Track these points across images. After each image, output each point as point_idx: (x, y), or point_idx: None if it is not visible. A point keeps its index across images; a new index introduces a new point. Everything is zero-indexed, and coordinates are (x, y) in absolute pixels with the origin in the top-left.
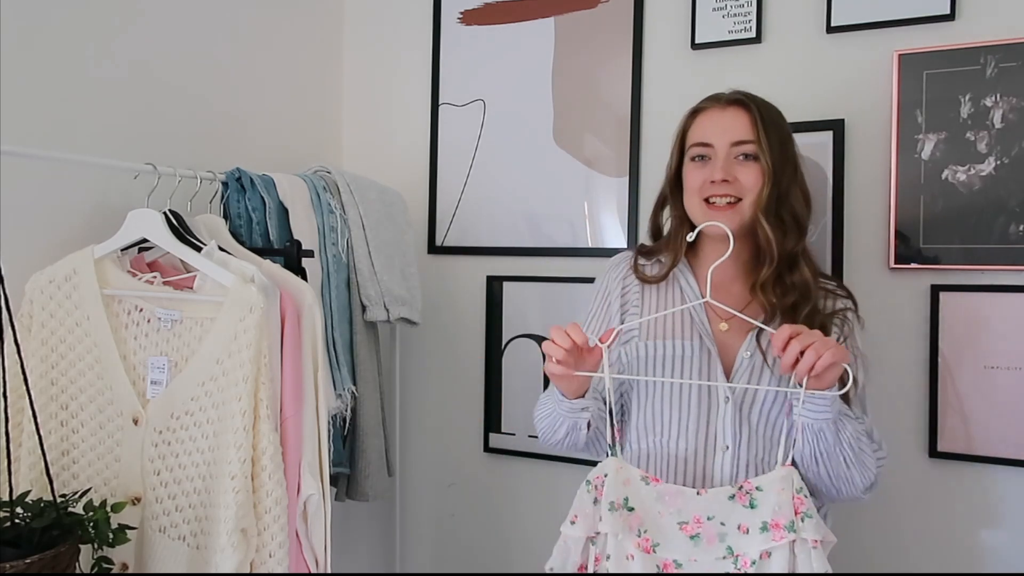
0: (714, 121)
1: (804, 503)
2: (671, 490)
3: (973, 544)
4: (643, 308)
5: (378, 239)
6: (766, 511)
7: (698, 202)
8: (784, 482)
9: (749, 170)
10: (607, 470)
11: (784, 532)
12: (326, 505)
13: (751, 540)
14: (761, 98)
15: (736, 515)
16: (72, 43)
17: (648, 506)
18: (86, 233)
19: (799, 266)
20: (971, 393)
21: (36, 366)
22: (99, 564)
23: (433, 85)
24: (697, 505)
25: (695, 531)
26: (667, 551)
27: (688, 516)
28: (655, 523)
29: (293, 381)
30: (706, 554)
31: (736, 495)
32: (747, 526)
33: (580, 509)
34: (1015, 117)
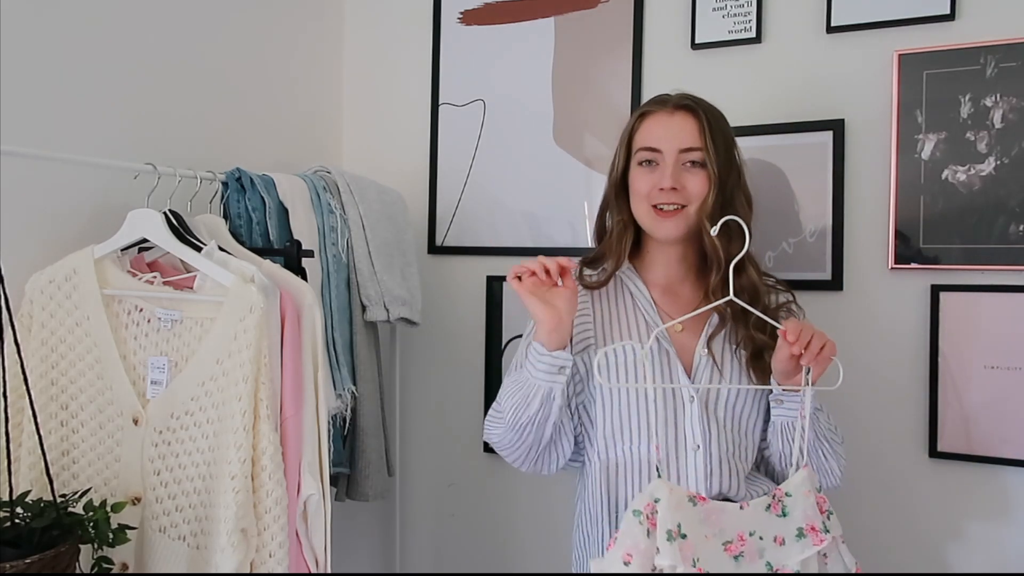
0: (662, 126)
1: (825, 501)
2: (715, 508)
3: (973, 544)
4: (594, 315)
5: (378, 239)
6: (798, 516)
7: (646, 208)
8: (807, 484)
9: (696, 177)
10: (659, 495)
11: (822, 534)
12: (326, 505)
13: (788, 551)
14: (707, 102)
15: (772, 526)
16: (72, 43)
17: (696, 530)
18: (86, 233)
19: (746, 268)
20: (971, 393)
21: (36, 366)
22: (99, 564)
23: (433, 85)
24: (740, 521)
25: (739, 550)
26: None
27: (732, 535)
28: (704, 549)
29: (293, 381)
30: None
31: (771, 505)
32: (782, 536)
33: (633, 546)
34: (1015, 117)
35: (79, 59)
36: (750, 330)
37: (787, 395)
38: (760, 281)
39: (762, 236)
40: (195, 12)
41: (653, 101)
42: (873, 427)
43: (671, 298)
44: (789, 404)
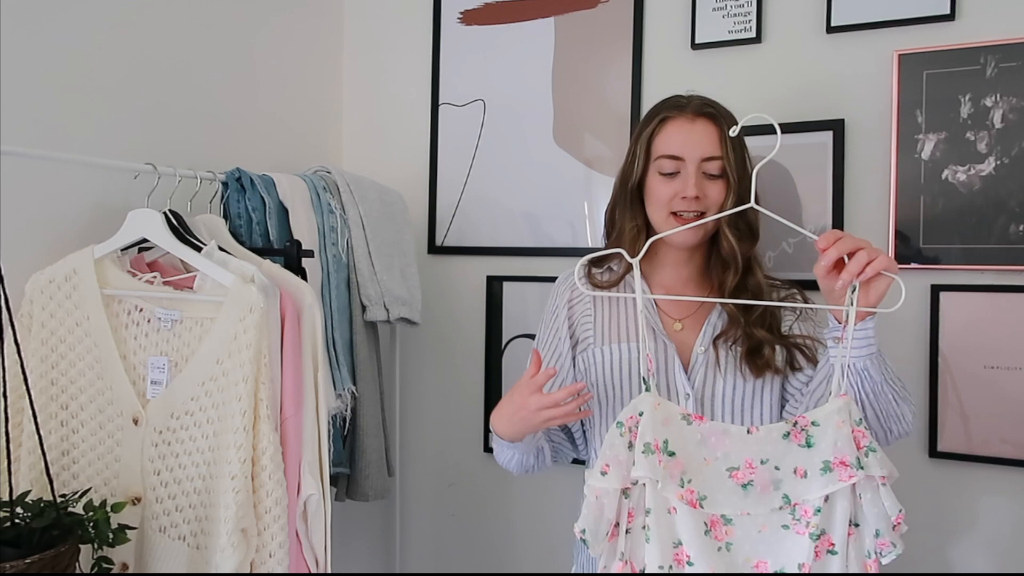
0: (684, 134)
1: (865, 436)
2: (716, 430)
3: (973, 544)
4: (595, 313)
5: (378, 239)
6: (825, 448)
7: (665, 215)
8: (841, 414)
9: (716, 186)
10: (643, 407)
11: (852, 470)
12: (326, 505)
13: (810, 484)
14: (723, 107)
15: (792, 456)
16: (72, 43)
17: (691, 451)
18: (86, 233)
19: (753, 271)
20: (971, 393)
21: (36, 366)
22: (99, 564)
23: (433, 85)
24: (748, 447)
25: (747, 478)
26: (715, 505)
27: (739, 461)
28: (700, 471)
29: (293, 381)
30: (759, 505)
31: (791, 432)
32: (804, 469)
33: (612, 456)
34: (1015, 117)
35: (79, 59)
36: (748, 327)
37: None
38: (764, 282)
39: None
40: (195, 12)
41: (671, 105)
42: None
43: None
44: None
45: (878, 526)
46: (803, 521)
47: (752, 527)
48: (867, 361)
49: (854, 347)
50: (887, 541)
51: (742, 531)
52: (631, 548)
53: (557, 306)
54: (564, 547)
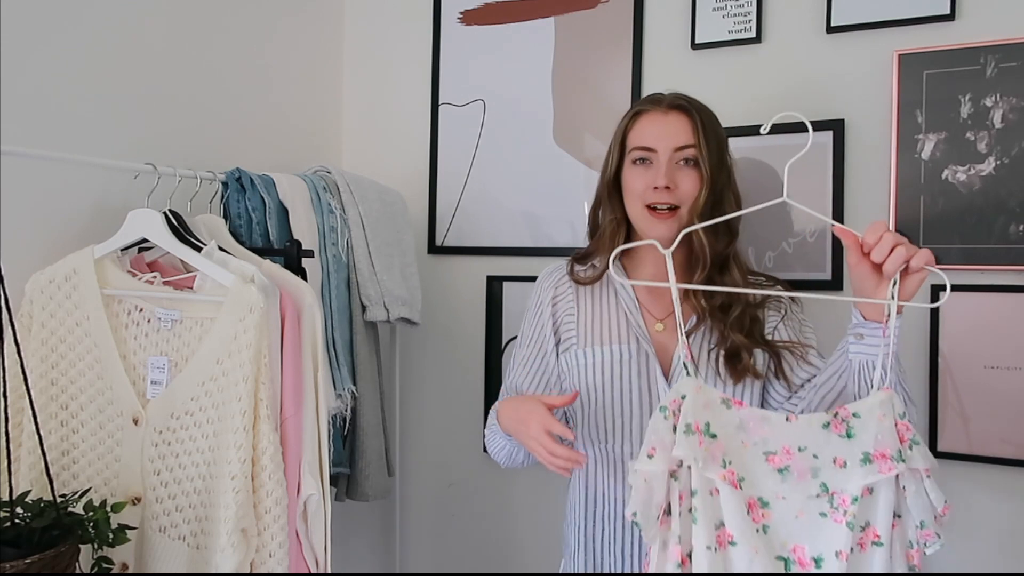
0: (657, 125)
1: (910, 429)
2: (755, 415)
3: (973, 544)
4: (578, 313)
5: (378, 239)
6: (867, 440)
7: (640, 208)
8: (884, 407)
9: (689, 176)
10: (685, 391)
11: (892, 463)
12: (326, 505)
13: (849, 474)
14: (699, 102)
15: (832, 446)
16: (72, 43)
17: (731, 434)
18: (86, 233)
19: (730, 268)
20: (971, 393)
21: (36, 366)
22: (99, 564)
23: (433, 85)
24: (785, 434)
25: (784, 463)
26: (752, 487)
27: (776, 446)
28: (738, 454)
29: (293, 381)
30: (796, 492)
31: (831, 423)
32: (843, 459)
33: (657, 440)
34: (1015, 117)
35: (79, 59)
36: (726, 329)
37: (868, 328)
38: (743, 282)
39: (762, 236)
40: (195, 12)
41: (647, 100)
42: None
43: (656, 297)
44: (871, 339)
45: (923, 517)
46: (840, 510)
47: (789, 512)
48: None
49: (875, 342)
50: (931, 532)
51: (778, 515)
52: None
53: (541, 302)
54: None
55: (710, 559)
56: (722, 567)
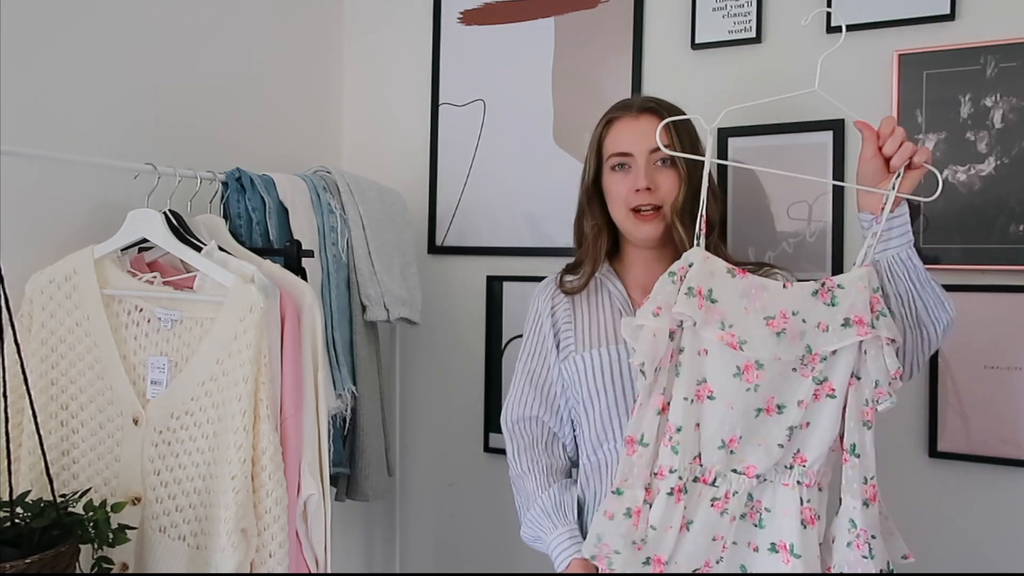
0: (630, 130)
1: (879, 302)
2: (756, 283)
3: (973, 544)
4: (575, 320)
5: (378, 239)
6: (846, 307)
7: (625, 212)
8: (863, 280)
9: (667, 176)
10: (693, 259)
11: (868, 328)
12: (326, 505)
13: (830, 337)
14: (668, 103)
15: (817, 312)
16: (72, 43)
17: (733, 301)
18: (86, 233)
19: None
20: (971, 393)
21: (36, 366)
22: (99, 564)
23: (433, 85)
24: (783, 299)
25: (780, 327)
26: (753, 349)
27: (774, 311)
28: (741, 319)
29: (293, 381)
30: (788, 352)
31: (819, 291)
32: (826, 323)
33: (663, 301)
34: (1015, 117)
35: (79, 59)
36: None
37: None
38: None
39: (763, 236)
40: (195, 12)
41: (617, 107)
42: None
43: None
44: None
45: (878, 377)
46: (809, 366)
47: (778, 371)
48: (908, 250)
49: (895, 236)
50: (884, 391)
51: (770, 375)
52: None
53: (540, 315)
54: None
55: (685, 408)
56: (695, 418)
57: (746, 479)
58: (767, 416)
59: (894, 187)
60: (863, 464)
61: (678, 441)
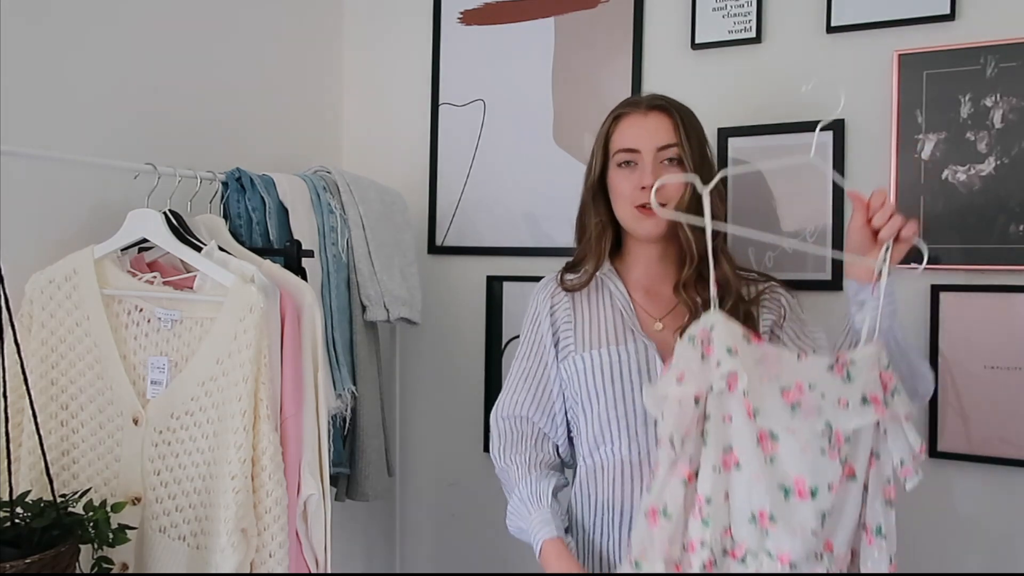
0: (638, 126)
1: (892, 379)
2: (771, 353)
3: (973, 544)
4: (575, 319)
5: (378, 239)
6: (862, 384)
7: (629, 209)
8: (873, 358)
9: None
10: (713, 321)
11: (884, 407)
12: (326, 505)
13: (850, 415)
14: (678, 101)
15: (835, 387)
16: (72, 43)
17: (750, 368)
18: (86, 233)
19: (719, 262)
20: (971, 393)
21: (36, 366)
22: (99, 564)
23: (433, 85)
24: (799, 371)
25: (796, 399)
26: (765, 419)
27: (790, 382)
28: (756, 387)
29: (293, 381)
30: (804, 427)
31: (834, 366)
32: (847, 400)
33: (685, 367)
34: (1015, 117)
35: (79, 59)
36: None
37: (867, 294)
38: (733, 275)
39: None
40: (195, 12)
41: (626, 103)
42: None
43: (652, 298)
44: (872, 304)
45: (902, 456)
46: (836, 447)
47: (795, 445)
48: (891, 320)
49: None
50: (911, 468)
51: (786, 448)
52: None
53: (539, 314)
54: None
55: (713, 479)
56: (724, 488)
57: (779, 564)
58: (799, 501)
59: (885, 260)
60: (888, 544)
61: (708, 513)
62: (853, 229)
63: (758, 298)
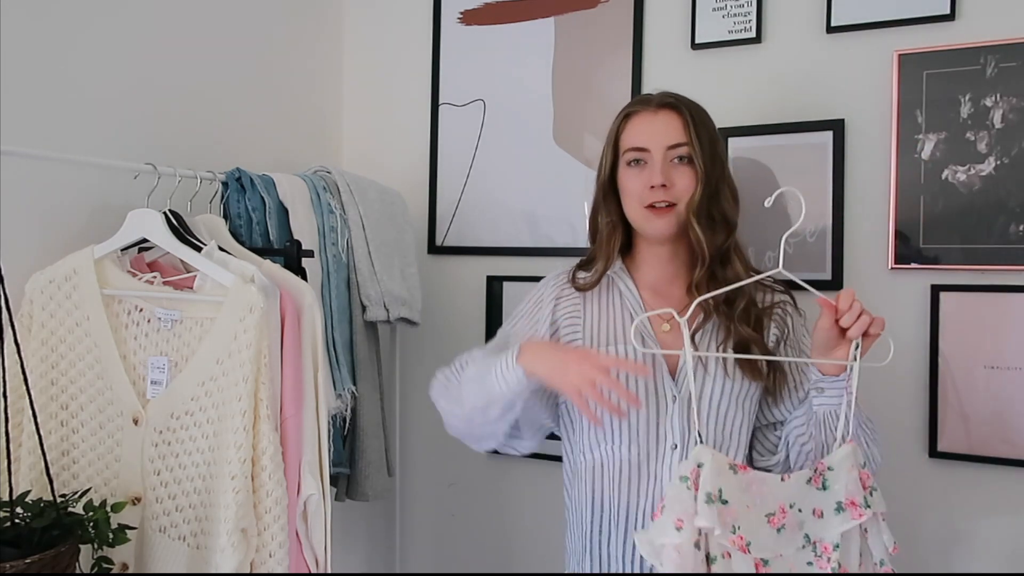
0: (648, 124)
1: (870, 477)
2: (755, 478)
3: (973, 544)
4: (584, 316)
5: (378, 239)
6: (839, 490)
7: (639, 208)
8: (851, 459)
9: (684, 174)
10: (702, 459)
11: (861, 508)
12: (326, 505)
13: (827, 524)
14: (688, 99)
15: (811, 499)
16: (72, 43)
17: (738, 498)
18: (86, 233)
19: (731, 262)
20: (971, 393)
21: (36, 366)
22: (99, 564)
23: (433, 85)
24: (781, 493)
25: (781, 523)
26: (758, 549)
27: (774, 506)
28: (745, 517)
29: (293, 381)
30: (788, 545)
31: (812, 478)
32: (821, 509)
33: (682, 511)
34: (1015, 117)
35: (79, 59)
36: (733, 322)
37: (828, 382)
38: (745, 274)
39: (763, 235)
40: (195, 12)
41: (636, 101)
42: None
43: (661, 298)
44: (831, 392)
45: (881, 556)
46: (824, 557)
47: (784, 567)
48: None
49: (835, 394)
50: (889, 567)
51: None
52: None
53: (542, 298)
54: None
55: None
56: None
57: None
58: None
59: (856, 358)
60: None
61: None
62: (820, 328)
63: (771, 309)
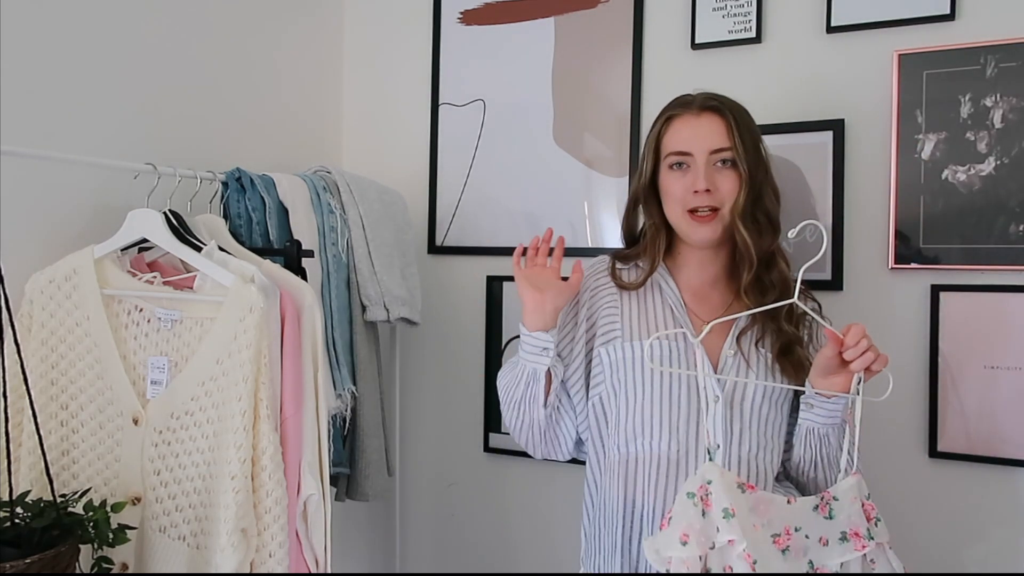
0: (690, 128)
1: (874, 508)
2: (764, 499)
3: (973, 544)
4: (622, 307)
5: (378, 239)
6: (843, 520)
7: (681, 212)
8: (855, 490)
9: (727, 177)
10: (711, 477)
11: (864, 540)
12: (326, 505)
13: (831, 552)
14: (731, 100)
15: (817, 526)
16: (72, 43)
17: (745, 517)
18: (86, 233)
19: (776, 263)
20: (971, 393)
21: (36, 366)
22: (99, 564)
23: (433, 85)
24: (788, 515)
25: (786, 544)
26: (765, 568)
27: (779, 528)
28: (752, 537)
29: (293, 381)
30: (793, 569)
31: (819, 506)
32: (826, 538)
33: (687, 525)
34: (1015, 117)
35: (79, 59)
36: (780, 322)
37: (819, 400)
38: (789, 275)
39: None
40: (195, 12)
41: (678, 103)
42: (873, 427)
43: (701, 301)
44: (819, 410)
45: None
46: None
47: None
48: (830, 429)
49: (822, 414)
50: None
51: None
52: None
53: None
54: (564, 547)
55: None
56: None
57: None
58: None
59: (859, 392)
60: None
61: None
62: (824, 356)
63: (805, 315)
